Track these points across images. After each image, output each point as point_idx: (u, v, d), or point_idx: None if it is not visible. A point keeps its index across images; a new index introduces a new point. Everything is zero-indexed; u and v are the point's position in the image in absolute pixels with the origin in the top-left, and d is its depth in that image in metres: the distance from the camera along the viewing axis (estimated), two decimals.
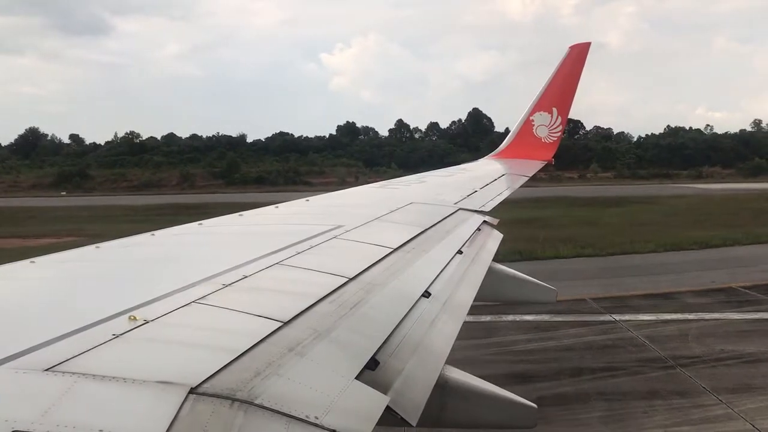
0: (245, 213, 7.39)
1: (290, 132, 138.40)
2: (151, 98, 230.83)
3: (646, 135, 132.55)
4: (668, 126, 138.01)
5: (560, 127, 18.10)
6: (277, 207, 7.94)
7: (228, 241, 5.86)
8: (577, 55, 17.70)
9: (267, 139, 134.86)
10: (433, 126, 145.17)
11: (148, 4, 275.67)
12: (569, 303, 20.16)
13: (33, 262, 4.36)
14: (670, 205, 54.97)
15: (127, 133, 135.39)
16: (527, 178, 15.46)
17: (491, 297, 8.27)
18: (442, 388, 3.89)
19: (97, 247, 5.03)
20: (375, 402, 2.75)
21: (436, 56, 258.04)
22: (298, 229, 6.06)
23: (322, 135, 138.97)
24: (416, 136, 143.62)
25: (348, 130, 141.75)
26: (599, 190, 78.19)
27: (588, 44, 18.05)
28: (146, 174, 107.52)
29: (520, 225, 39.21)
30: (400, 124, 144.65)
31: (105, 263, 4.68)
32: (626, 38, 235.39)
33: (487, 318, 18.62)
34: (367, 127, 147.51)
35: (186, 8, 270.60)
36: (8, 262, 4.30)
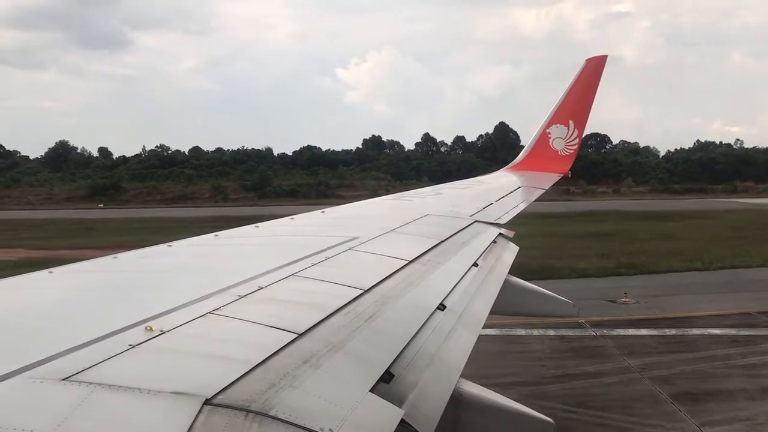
0: (261, 224, 7.42)
1: (317, 145, 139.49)
2: (171, 112, 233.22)
3: (675, 149, 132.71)
4: (697, 140, 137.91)
5: (577, 140, 18.01)
6: (292, 218, 7.96)
7: (244, 253, 5.88)
8: (594, 68, 17.63)
9: (294, 152, 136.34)
10: (459, 139, 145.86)
11: (166, 19, 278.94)
12: (737, 317, 20.74)
13: (51, 272, 4.41)
14: (732, 220, 54.26)
15: (156, 147, 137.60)
16: (543, 191, 15.38)
17: (507, 310, 8.20)
18: (457, 401, 3.86)
19: (115, 257, 5.07)
20: (389, 415, 2.74)
21: (451, 70, 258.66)
22: (313, 240, 6.08)
23: (348, 148, 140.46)
24: (442, 149, 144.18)
25: (374, 143, 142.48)
26: (644, 204, 76.95)
27: (605, 57, 17.98)
28: (179, 187, 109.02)
29: (599, 239, 39.51)
30: (427, 138, 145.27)
31: (122, 274, 4.71)
32: (641, 52, 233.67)
33: (672, 332, 19.22)
34: (392, 140, 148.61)
35: (203, 22, 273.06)
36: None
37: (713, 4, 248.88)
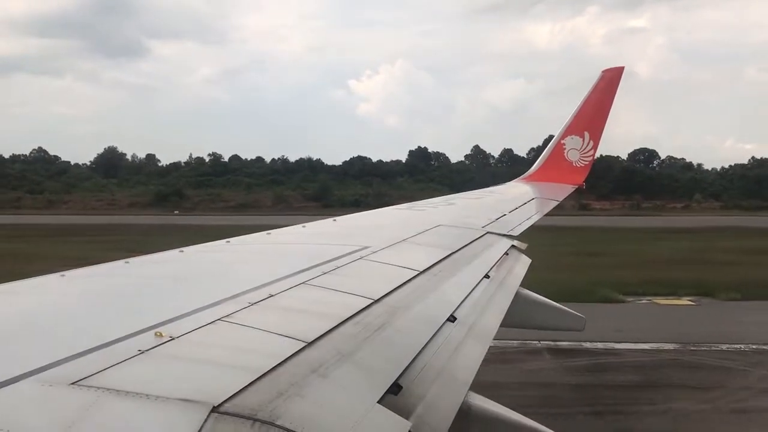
0: (273, 231, 7.45)
1: (368, 156, 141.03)
2: (191, 120, 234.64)
3: (730, 166, 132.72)
4: (752, 157, 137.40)
5: (592, 152, 17.94)
6: (304, 226, 7.98)
7: (255, 260, 5.89)
8: (610, 80, 17.58)
9: (345, 162, 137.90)
10: (507, 152, 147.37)
11: (182, 29, 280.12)
12: None
13: (63, 275, 4.43)
14: None
15: (209, 154, 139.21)
16: (557, 203, 15.31)
17: (518, 323, 8.15)
18: (466, 414, 3.83)
19: (126, 262, 5.10)
20: (396, 427, 2.72)
21: (465, 83, 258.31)
22: (324, 249, 6.07)
23: (398, 159, 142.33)
24: (490, 162, 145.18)
25: (421, 155, 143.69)
26: (740, 220, 73.42)
27: (621, 69, 17.93)
28: (240, 195, 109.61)
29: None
30: (477, 150, 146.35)
31: (133, 278, 4.73)
32: (656, 68, 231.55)
33: None
34: (438, 152, 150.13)
35: (221, 33, 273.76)
36: None
37: (729, 21, 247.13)
